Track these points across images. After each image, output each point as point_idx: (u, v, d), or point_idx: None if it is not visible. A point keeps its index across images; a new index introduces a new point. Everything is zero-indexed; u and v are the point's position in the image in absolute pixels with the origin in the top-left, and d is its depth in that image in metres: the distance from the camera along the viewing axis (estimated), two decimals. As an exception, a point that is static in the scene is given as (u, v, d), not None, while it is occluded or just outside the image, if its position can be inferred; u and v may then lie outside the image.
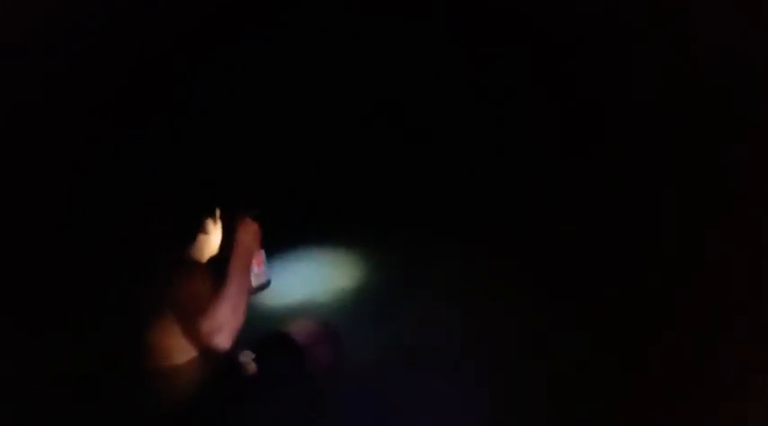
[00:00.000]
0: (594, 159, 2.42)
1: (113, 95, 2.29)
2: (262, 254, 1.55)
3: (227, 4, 2.53)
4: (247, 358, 1.41)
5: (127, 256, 1.62)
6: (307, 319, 1.62)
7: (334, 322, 1.70)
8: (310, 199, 2.86)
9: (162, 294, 1.36)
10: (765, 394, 1.24)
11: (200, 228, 1.55)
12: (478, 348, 1.79)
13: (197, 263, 1.51)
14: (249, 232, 1.47)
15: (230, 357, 1.40)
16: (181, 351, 1.36)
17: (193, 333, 1.28)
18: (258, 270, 1.53)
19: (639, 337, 1.64)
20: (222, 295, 1.30)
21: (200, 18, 2.49)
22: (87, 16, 1.84)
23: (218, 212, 1.60)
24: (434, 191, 2.87)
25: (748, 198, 1.51)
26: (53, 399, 1.47)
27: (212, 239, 1.58)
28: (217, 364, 1.38)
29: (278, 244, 1.83)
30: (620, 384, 1.51)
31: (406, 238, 2.69)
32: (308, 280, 1.66)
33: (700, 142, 1.74)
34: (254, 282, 1.52)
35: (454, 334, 1.91)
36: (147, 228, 1.61)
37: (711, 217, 1.65)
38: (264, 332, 1.52)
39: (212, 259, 1.58)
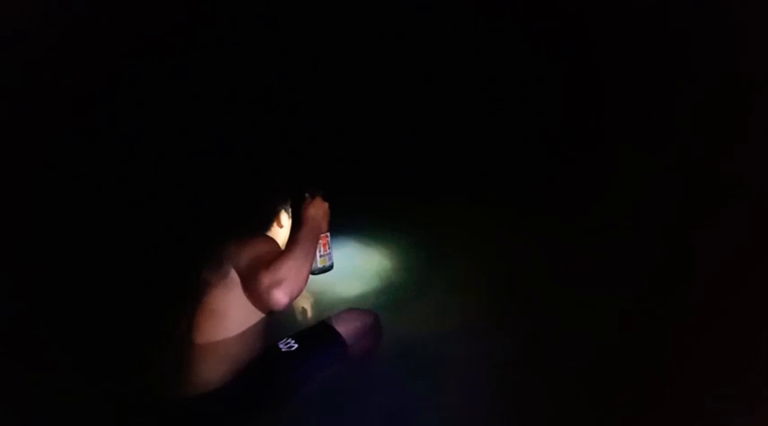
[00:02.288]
0: (594, 158, 2.42)
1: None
2: (328, 237, 1.55)
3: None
4: (288, 346, 1.41)
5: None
6: (353, 310, 1.62)
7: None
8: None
9: (225, 257, 1.37)
10: (765, 394, 1.24)
11: (274, 216, 1.58)
12: (486, 349, 1.80)
13: (267, 235, 1.53)
14: (320, 209, 1.48)
15: (271, 344, 1.42)
16: (241, 315, 1.36)
17: (254, 287, 1.25)
18: (324, 251, 1.53)
19: (639, 337, 1.64)
20: (288, 253, 1.28)
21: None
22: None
23: (289, 209, 1.62)
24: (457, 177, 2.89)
25: (748, 197, 1.50)
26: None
27: (285, 232, 1.60)
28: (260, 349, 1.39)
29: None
30: (620, 384, 1.52)
31: (430, 224, 2.70)
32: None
33: (700, 141, 1.74)
34: (319, 263, 1.52)
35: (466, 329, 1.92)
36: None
37: (711, 216, 1.64)
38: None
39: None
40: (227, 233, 1.46)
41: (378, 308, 1.81)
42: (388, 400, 1.53)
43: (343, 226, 2.46)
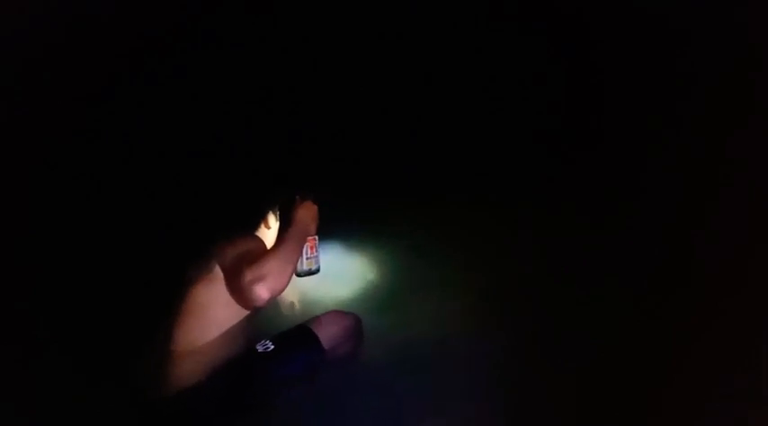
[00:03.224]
0: (594, 158, 2.42)
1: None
2: (316, 240, 1.56)
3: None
4: (265, 347, 1.42)
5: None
6: (334, 313, 1.62)
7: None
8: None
9: (211, 254, 1.38)
10: (765, 394, 1.24)
11: (261, 217, 1.59)
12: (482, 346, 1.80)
13: (254, 235, 1.54)
14: (309, 211, 1.49)
15: (249, 347, 1.42)
16: (223, 313, 1.37)
17: (237, 283, 1.27)
18: (311, 253, 1.54)
19: (639, 337, 1.64)
20: (273, 251, 1.32)
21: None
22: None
23: (277, 211, 1.62)
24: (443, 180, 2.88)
25: (748, 197, 1.50)
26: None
27: (272, 234, 1.61)
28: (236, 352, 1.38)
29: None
30: (620, 384, 1.52)
31: (415, 228, 2.70)
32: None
33: (700, 141, 1.74)
34: (306, 265, 1.53)
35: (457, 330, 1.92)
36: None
37: (712, 216, 1.64)
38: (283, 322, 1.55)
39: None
40: (214, 231, 1.48)
41: (376, 309, 1.82)
42: (387, 401, 1.53)
43: (342, 226, 2.48)
